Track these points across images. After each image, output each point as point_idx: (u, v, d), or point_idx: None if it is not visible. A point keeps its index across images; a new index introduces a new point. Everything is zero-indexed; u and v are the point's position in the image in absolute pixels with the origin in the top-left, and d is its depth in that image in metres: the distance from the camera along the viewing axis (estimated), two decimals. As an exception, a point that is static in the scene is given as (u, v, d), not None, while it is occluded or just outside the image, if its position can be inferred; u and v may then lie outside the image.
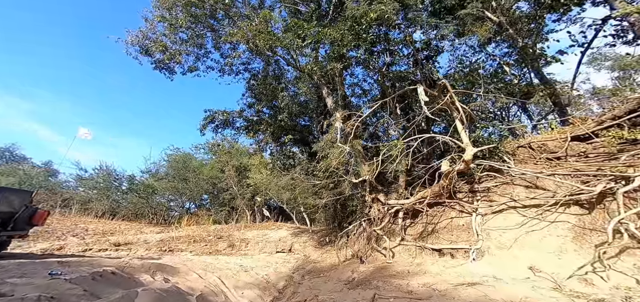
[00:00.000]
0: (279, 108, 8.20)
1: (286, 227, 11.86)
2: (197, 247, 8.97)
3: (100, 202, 12.54)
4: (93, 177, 13.80)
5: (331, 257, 7.11)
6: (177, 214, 16.25)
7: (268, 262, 8.00)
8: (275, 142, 8.36)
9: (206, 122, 8.15)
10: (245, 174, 16.78)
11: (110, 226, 10.01)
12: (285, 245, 9.12)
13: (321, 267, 6.41)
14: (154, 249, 8.09)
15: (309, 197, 7.31)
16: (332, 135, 5.42)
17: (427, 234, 4.55)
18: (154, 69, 7.32)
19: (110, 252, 7.50)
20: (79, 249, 7.22)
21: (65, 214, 10.45)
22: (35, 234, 7.51)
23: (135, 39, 6.65)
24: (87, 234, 8.39)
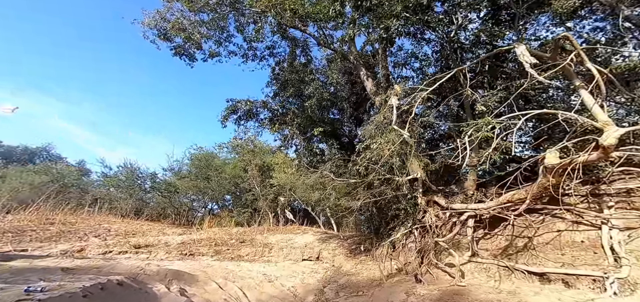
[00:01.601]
0: (307, 97, 7.37)
1: (312, 231, 10.97)
2: (218, 251, 8.35)
3: (125, 201, 12.61)
4: (117, 175, 14.04)
5: (367, 269, 6.06)
6: (200, 214, 16.09)
7: (294, 271, 7.13)
8: (302, 135, 7.50)
9: (228, 113, 7.53)
10: (269, 173, 16.21)
11: (133, 226, 9.79)
12: (312, 252, 8.20)
13: (358, 282, 5.39)
14: (174, 253, 7.58)
15: (340, 197, 6.32)
16: (384, 115, 4.35)
17: (516, 250, 3.36)
18: (173, 55, 6.85)
19: (129, 255, 7.10)
20: (99, 251, 6.87)
21: (91, 214, 10.46)
22: (59, 234, 7.31)
23: (152, 21, 6.14)
24: (109, 234, 8.13)
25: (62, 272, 3.57)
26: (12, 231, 7.04)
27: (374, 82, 6.19)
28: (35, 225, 7.76)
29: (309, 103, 6.49)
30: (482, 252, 3.63)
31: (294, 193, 14.08)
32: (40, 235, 7.08)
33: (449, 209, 4.12)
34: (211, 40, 6.91)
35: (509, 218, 3.40)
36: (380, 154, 4.23)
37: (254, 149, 16.89)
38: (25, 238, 6.83)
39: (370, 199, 5.35)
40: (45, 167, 14.21)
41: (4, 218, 7.87)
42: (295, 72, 7.67)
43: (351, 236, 9.38)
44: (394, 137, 4.06)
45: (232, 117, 7.94)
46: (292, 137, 8.33)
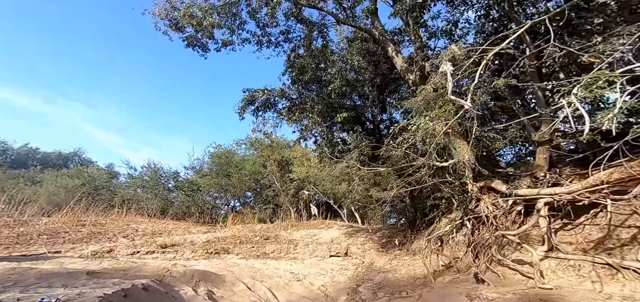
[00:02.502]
0: (327, 82, 6.82)
1: (337, 225, 10.50)
2: (243, 249, 8.14)
3: (151, 201, 12.92)
4: (141, 176, 14.47)
5: (405, 265, 5.46)
6: (222, 212, 16.24)
7: (322, 269, 6.71)
8: (324, 122, 6.97)
9: (245, 104, 7.19)
10: (288, 168, 15.98)
11: (160, 225, 9.89)
12: (340, 247, 7.74)
13: (396, 280, 4.82)
14: (200, 252, 7.45)
15: (369, 188, 5.75)
16: (434, 84, 3.68)
17: (620, 243, 2.63)
18: (186, 47, 6.60)
19: (157, 254, 7.04)
20: (128, 252, 6.86)
21: (120, 214, 10.74)
22: (90, 236, 7.41)
23: (162, 10, 5.87)
24: (136, 234, 8.18)
25: (87, 277, 3.37)
26: (47, 233, 7.23)
27: (404, 58, 5.49)
28: (68, 227, 7.97)
29: (332, 86, 5.93)
30: (563, 247, 2.92)
31: (316, 186, 13.70)
32: (73, 237, 7.20)
33: (513, 195, 3.40)
34: (223, 28, 6.56)
35: (603, 203, 2.66)
36: (427, 133, 3.58)
37: (272, 144, 16.71)
38: (59, 240, 6.96)
39: (407, 188, 4.73)
40: (77, 171, 14.99)
41: (39, 221, 8.17)
42: (312, 57, 7.12)
43: (380, 229, 8.79)
44: (448, 111, 3.40)
45: (250, 108, 7.57)
46: (311, 127, 7.82)
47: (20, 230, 7.17)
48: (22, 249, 6.25)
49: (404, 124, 4.22)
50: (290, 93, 7.95)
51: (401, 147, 4.13)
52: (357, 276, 5.77)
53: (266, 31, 7.27)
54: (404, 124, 4.22)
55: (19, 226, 7.74)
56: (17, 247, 6.26)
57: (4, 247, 6.22)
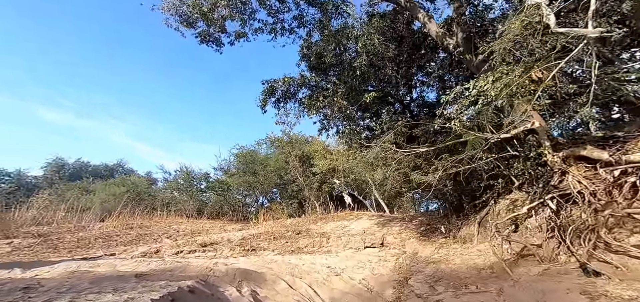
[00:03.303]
0: (349, 62, 6.40)
1: (367, 216, 10.19)
2: (277, 245, 8.19)
3: (187, 203, 13.71)
4: (176, 179, 15.40)
5: (455, 254, 4.98)
6: (253, 209, 16.73)
7: (359, 261, 6.48)
8: (351, 105, 6.59)
9: (266, 96, 7.01)
10: (309, 162, 15.98)
11: (198, 225, 10.37)
12: (374, 238, 7.44)
13: (454, 272, 4.34)
14: (238, 249, 7.63)
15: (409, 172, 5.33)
16: (526, 16, 2.90)
17: None
18: (199, 43, 6.51)
19: (198, 253, 7.34)
20: (172, 251, 7.22)
21: (161, 216, 11.48)
22: (138, 238, 7.94)
23: (171, 5, 5.74)
24: (178, 234, 8.62)
25: (136, 279, 3.50)
26: (102, 237, 7.88)
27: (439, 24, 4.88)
28: (119, 230, 8.66)
29: (359, 61, 5.48)
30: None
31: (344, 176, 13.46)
32: (124, 239, 7.77)
33: (623, 162, 2.72)
34: (235, 19, 6.36)
35: None
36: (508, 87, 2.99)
37: (291, 141, 16.78)
38: (112, 243, 7.54)
39: (458, 166, 4.25)
40: (122, 180, 16.45)
41: (95, 226, 8.97)
42: (330, 39, 6.71)
43: (415, 217, 8.31)
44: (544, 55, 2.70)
45: (271, 100, 7.38)
46: (335, 114, 7.44)
47: (80, 235, 7.91)
48: (82, 252, 6.87)
49: (456, 93, 3.71)
50: (310, 80, 7.61)
51: (455, 118, 3.64)
52: (400, 267, 5.45)
53: (278, 17, 6.96)
54: (456, 93, 3.71)
55: (79, 231, 8.57)
56: (78, 250, 6.88)
57: (68, 250, 6.88)
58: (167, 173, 16.43)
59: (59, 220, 9.29)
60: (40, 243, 6.82)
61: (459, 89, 3.89)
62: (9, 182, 15.92)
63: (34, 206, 9.17)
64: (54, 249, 6.63)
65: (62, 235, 7.69)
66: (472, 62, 4.58)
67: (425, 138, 5.53)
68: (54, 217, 9.53)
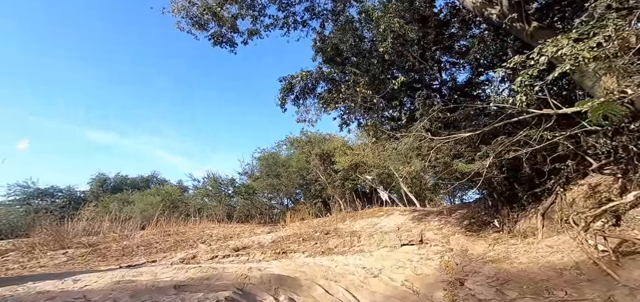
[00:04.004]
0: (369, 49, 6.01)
1: (398, 211, 9.71)
2: (307, 246, 8.06)
3: (216, 208, 14.19)
4: (204, 186, 16.02)
5: (518, 251, 4.39)
6: (278, 211, 16.91)
7: (397, 260, 6.09)
8: (376, 93, 6.19)
9: (284, 93, 6.83)
10: (330, 160, 15.76)
11: (228, 229, 10.61)
12: (411, 235, 6.98)
13: (523, 272, 3.74)
14: (269, 252, 7.62)
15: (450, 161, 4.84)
16: None
17: None
18: (213, 45, 6.49)
19: (232, 258, 7.44)
20: (208, 257, 7.39)
21: (195, 222, 11.95)
22: (175, 244, 8.24)
23: (181, 7, 5.69)
24: (211, 239, 8.83)
25: (175, 291, 3.51)
26: (143, 244, 8.30)
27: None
28: (158, 238, 9.09)
29: (384, 46, 5.07)
30: None
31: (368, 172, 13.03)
32: (163, 246, 8.11)
33: None
34: (245, 17, 6.24)
35: None
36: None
37: (310, 140, 16.65)
38: (153, 250, 7.90)
39: (516, 150, 3.73)
40: (157, 189, 17.55)
41: (136, 234, 9.52)
42: (347, 24, 6.33)
43: (456, 210, 7.68)
44: None
45: (290, 97, 7.20)
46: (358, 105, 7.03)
47: (124, 243, 8.41)
48: (127, 259, 7.26)
49: (516, 64, 3.19)
50: (329, 74, 7.30)
51: (520, 93, 3.14)
52: (447, 266, 4.98)
53: (289, 11, 6.74)
54: (516, 64, 3.19)
55: (123, 239, 9.14)
56: (124, 258, 7.28)
57: (115, 259, 7.33)
58: (196, 180, 17.22)
59: (104, 230, 10.01)
60: (91, 252, 7.32)
61: (519, 58, 3.35)
62: (61, 197, 17.72)
63: (83, 218, 9.98)
64: (103, 257, 7.07)
65: (108, 244, 8.24)
66: (524, 31, 4.00)
67: (466, 122, 5.00)
68: (100, 228, 10.30)
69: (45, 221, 9.22)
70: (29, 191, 15.93)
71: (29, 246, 7.32)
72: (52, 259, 6.64)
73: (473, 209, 6.75)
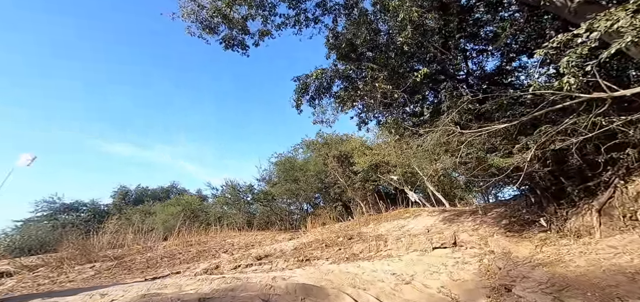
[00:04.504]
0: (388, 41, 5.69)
1: (426, 212, 9.18)
2: (331, 252, 7.75)
3: (236, 216, 14.18)
4: (223, 194, 16.08)
5: (571, 253, 3.87)
6: (297, 216, 16.71)
7: (430, 265, 5.64)
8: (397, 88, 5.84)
9: (299, 94, 6.59)
10: (348, 162, 15.39)
11: (249, 237, 10.50)
12: (443, 237, 6.49)
13: (584, 277, 3.18)
14: (292, 260, 7.37)
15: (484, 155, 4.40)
16: None
17: None
18: (224, 49, 6.35)
19: (255, 267, 7.26)
20: (230, 266, 7.25)
21: (215, 231, 11.96)
22: (198, 254, 8.19)
23: (190, 11, 5.58)
24: (233, 248, 8.73)
25: None
26: (167, 255, 8.32)
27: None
28: (180, 248, 9.11)
29: (403, 35, 4.73)
30: None
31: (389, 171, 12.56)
32: (186, 257, 8.09)
33: None
34: (256, 19, 6.10)
35: None
36: None
37: (327, 141, 16.38)
38: (176, 261, 7.88)
39: (563, 139, 3.28)
40: (177, 199, 17.91)
41: (159, 245, 9.61)
42: (362, 17, 6.04)
43: (490, 208, 7.09)
44: None
45: (305, 97, 6.96)
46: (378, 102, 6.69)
47: (148, 255, 8.48)
48: (152, 271, 7.27)
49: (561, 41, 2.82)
50: (344, 71, 7.01)
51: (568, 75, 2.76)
52: (488, 270, 4.51)
53: (300, 8, 6.54)
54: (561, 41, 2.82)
55: (147, 251, 9.24)
56: (148, 270, 7.29)
57: (140, 271, 7.36)
58: (215, 189, 17.37)
59: (129, 243, 10.21)
60: (117, 265, 7.40)
61: (563, 37, 2.96)
62: (86, 211, 18.46)
63: (108, 231, 10.23)
64: (128, 270, 7.11)
65: (133, 256, 8.33)
66: (566, 7, 3.57)
67: (499, 113, 4.55)
68: (124, 240, 10.51)
69: (71, 235, 9.52)
70: (55, 206, 16.69)
71: (57, 260, 7.53)
72: (80, 274, 6.75)
73: (512, 207, 6.17)
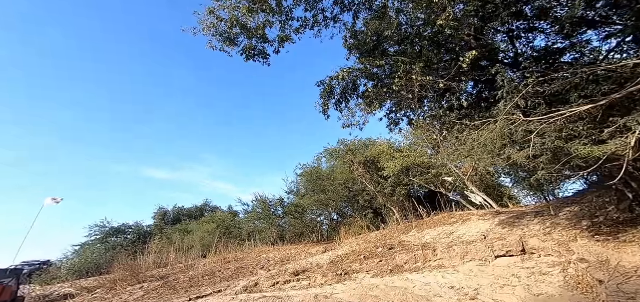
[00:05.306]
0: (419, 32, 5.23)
1: (477, 215, 8.29)
2: (371, 265, 7.21)
3: (269, 230, 14.16)
4: (254, 209, 16.22)
5: None
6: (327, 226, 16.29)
7: (496, 276, 4.90)
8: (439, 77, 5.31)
9: (325, 99, 6.30)
10: (375, 167, 14.76)
11: (283, 252, 10.32)
12: (506, 243, 5.66)
13: None
14: (330, 275, 6.96)
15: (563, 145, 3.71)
16: None
17: None
18: (245, 60, 6.27)
19: (293, 283, 6.97)
20: (269, 283, 7.04)
21: (250, 247, 12.00)
22: (236, 271, 8.13)
23: (210, 24, 5.54)
24: (269, 264, 8.55)
25: None
26: (207, 273, 8.38)
27: None
28: (219, 265, 9.17)
29: (444, 17, 4.24)
30: None
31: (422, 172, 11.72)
32: (225, 274, 8.07)
33: None
34: (274, 26, 5.99)
35: None
36: None
37: (350, 148, 15.94)
38: (216, 279, 7.88)
39: None
40: (211, 217, 18.53)
41: (200, 263, 9.78)
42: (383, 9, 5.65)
43: (560, 206, 6.08)
44: None
45: (331, 101, 6.64)
46: (416, 95, 6.15)
47: (189, 274, 8.63)
48: (195, 290, 7.31)
49: None
50: (370, 68, 6.60)
51: None
52: (581, 283, 3.72)
53: (317, 8, 6.34)
54: None
55: (188, 270, 9.44)
56: (192, 289, 7.35)
57: (184, 290, 7.45)
58: (246, 204, 17.67)
59: (171, 261, 10.56)
60: (163, 285, 7.57)
61: None
62: (131, 233, 19.76)
63: (152, 251, 10.71)
64: (173, 289, 7.23)
65: (176, 275, 8.53)
66: None
67: (576, 93, 3.86)
68: (167, 259, 10.91)
69: (121, 256, 10.10)
70: (105, 229, 18.12)
71: (111, 282, 7.93)
72: (131, 294, 7.00)
73: (589, 204, 5.19)
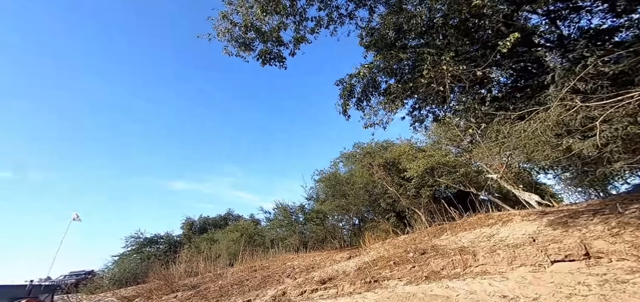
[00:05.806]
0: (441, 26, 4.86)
1: (519, 215, 7.55)
2: (403, 271, 6.77)
3: (292, 238, 14.05)
4: (276, 216, 16.22)
5: None
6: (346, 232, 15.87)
7: (557, 284, 4.31)
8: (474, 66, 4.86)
9: (346, 99, 6.03)
10: (396, 169, 14.18)
11: (308, 259, 10.12)
12: (563, 246, 5.00)
13: None
14: (358, 283, 6.62)
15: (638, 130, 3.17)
16: None
17: None
18: (262, 65, 6.19)
19: (320, 291, 6.72)
20: (296, 293, 6.87)
21: (274, 255, 11.95)
22: (263, 280, 8.03)
23: (225, 30, 5.50)
24: (295, 272, 8.39)
25: None
26: (236, 283, 8.39)
27: None
28: (247, 274, 9.17)
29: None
30: None
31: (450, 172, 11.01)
32: (253, 283, 8.02)
33: None
34: (289, 27, 5.88)
35: None
36: None
37: (369, 151, 15.47)
38: (245, 288, 7.84)
39: None
40: (235, 226, 18.89)
41: (228, 272, 9.85)
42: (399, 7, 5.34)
43: (626, 202, 5.28)
44: None
45: (352, 101, 6.36)
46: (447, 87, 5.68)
47: (219, 283, 8.69)
48: (225, 300, 7.32)
49: None
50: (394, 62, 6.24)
51: None
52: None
53: (332, 6, 6.14)
54: None
55: (217, 279, 9.54)
56: (222, 299, 7.36)
57: (215, 299, 7.49)
58: (268, 212, 17.78)
59: (201, 270, 10.78)
60: (195, 294, 7.67)
61: None
62: (162, 243, 20.66)
63: (183, 260, 11.02)
64: (205, 299, 7.29)
65: (207, 284, 8.63)
66: None
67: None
68: (197, 268, 11.15)
69: (155, 266, 10.48)
70: (139, 240, 19.12)
71: (147, 291, 8.20)
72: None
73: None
